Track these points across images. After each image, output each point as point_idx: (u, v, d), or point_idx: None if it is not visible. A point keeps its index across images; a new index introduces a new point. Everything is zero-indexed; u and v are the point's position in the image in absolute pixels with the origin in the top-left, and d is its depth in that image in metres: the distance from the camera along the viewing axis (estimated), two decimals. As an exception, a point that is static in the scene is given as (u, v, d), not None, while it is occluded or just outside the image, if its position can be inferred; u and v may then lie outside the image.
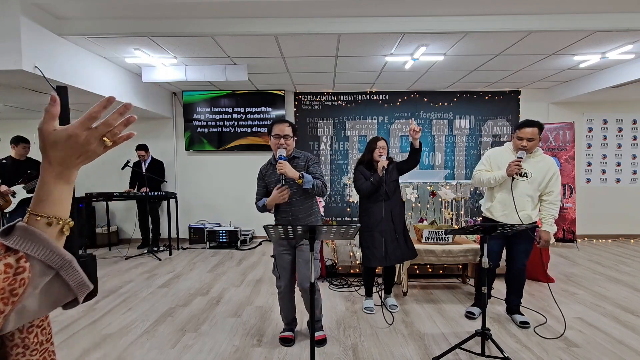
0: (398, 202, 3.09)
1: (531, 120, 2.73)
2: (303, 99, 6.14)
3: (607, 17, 3.27)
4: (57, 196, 0.59)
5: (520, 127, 2.73)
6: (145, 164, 5.60)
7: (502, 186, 2.79)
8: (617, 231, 6.18)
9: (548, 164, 2.75)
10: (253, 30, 3.37)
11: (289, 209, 2.47)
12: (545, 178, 2.73)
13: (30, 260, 0.53)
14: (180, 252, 5.50)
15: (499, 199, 2.81)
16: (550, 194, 2.74)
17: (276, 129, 2.41)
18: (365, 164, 3.07)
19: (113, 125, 0.62)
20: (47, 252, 0.55)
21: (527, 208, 2.74)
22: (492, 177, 2.79)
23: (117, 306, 3.30)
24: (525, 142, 2.69)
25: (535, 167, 2.73)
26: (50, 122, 0.58)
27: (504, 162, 2.77)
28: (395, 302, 3.25)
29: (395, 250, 2.97)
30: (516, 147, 2.76)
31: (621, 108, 6.08)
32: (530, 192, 2.74)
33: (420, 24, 3.34)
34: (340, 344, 2.58)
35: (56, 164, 0.59)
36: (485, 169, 2.91)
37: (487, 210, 2.90)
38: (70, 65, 3.58)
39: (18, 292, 0.51)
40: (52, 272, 0.55)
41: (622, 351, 2.44)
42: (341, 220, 6.14)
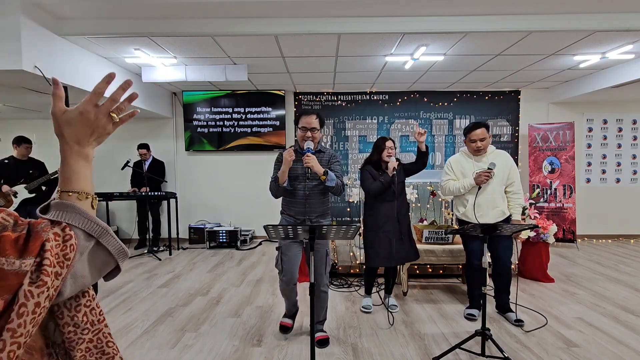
0: (404, 203, 3.11)
1: (477, 122, 2.91)
2: (303, 99, 6.14)
3: (607, 17, 3.27)
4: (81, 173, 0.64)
5: (469, 131, 2.89)
6: (147, 163, 5.60)
7: (472, 190, 2.88)
8: (617, 231, 6.18)
9: (504, 157, 2.91)
10: (253, 30, 3.37)
11: (305, 200, 2.45)
12: (505, 171, 2.86)
13: (73, 229, 0.58)
14: (180, 252, 5.50)
15: (472, 203, 2.88)
16: (513, 184, 2.90)
17: (304, 121, 2.40)
18: (373, 163, 3.07)
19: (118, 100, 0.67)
20: (86, 221, 0.60)
21: (499, 204, 2.86)
22: (461, 186, 2.89)
23: (117, 306, 3.30)
24: (479, 143, 2.83)
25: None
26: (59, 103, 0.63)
27: (466, 168, 2.92)
28: (395, 302, 3.25)
29: (400, 251, 2.97)
30: (472, 150, 2.90)
31: (621, 108, 6.08)
32: (498, 188, 2.86)
33: (420, 24, 3.34)
34: (340, 344, 2.58)
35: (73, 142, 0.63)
36: (451, 177, 2.99)
37: (463, 215, 2.96)
38: (70, 65, 3.58)
39: (70, 257, 0.56)
40: (93, 240, 0.61)
41: (622, 351, 2.44)
42: (341, 220, 6.14)
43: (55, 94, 0.63)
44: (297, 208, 2.47)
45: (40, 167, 4.54)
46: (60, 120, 0.63)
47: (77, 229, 0.59)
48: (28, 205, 4.38)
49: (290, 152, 2.33)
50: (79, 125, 0.63)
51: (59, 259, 0.54)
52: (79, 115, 0.63)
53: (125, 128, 6.05)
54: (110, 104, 0.66)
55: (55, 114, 0.63)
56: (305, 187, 2.43)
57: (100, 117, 0.65)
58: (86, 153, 0.65)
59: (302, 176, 2.39)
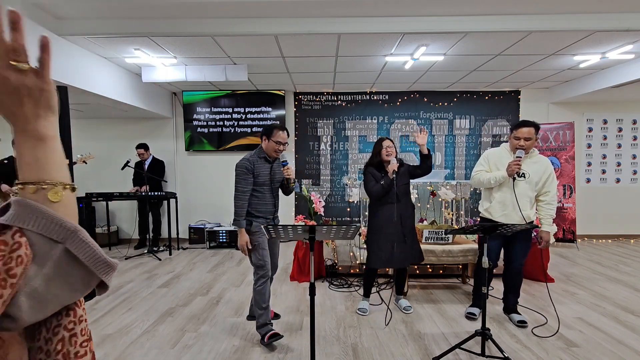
0: (408, 205, 3.07)
1: (528, 121, 2.75)
2: (303, 99, 6.14)
3: (607, 17, 3.27)
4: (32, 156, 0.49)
5: (517, 127, 2.75)
6: (146, 163, 5.60)
7: (501, 186, 2.80)
8: (617, 231, 6.18)
9: (544, 164, 2.77)
10: (253, 30, 3.37)
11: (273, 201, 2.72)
12: (542, 178, 2.75)
13: (26, 234, 0.45)
14: (180, 252, 5.50)
15: (498, 199, 2.81)
16: (547, 194, 2.77)
17: (280, 136, 2.61)
18: (375, 165, 3.05)
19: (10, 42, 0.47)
20: (44, 222, 0.47)
21: (526, 208, 2.75)
22: (492, 177, 2.79)
23: (117, 306, 3.30)
24: (523, 142, 2.70)
25: (532, 168, 2.75)
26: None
27: (502, 163, 2.78)
28: (408, 303, 3.21)
29: (402, 254, 2.94)
30: (513, 147, 2.77)
31: (621, 108, 6.08)
32: (528, 192, 2.75)
33: (420, 24, 3.34)
34: (340, 344, 2.58)
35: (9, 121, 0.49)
36: (484, 169, 2.91)
37: (486, 211, 2.90)
38: (70, 65, 3.58)
39: (16, 273, 0.43)
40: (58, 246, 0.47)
41: (622, 351, 2.44)
42: (341, 220, 6.14)
43: None
44: (267, 208, 2.67)
45: None
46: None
47: (32, 233, 0.46)
48: None
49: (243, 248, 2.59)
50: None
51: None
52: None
53: (125, 128, 6.06)
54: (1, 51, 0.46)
55: None
56: (272, 190, 2.70)
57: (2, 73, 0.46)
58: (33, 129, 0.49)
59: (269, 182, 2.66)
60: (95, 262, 0.50)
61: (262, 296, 2.59)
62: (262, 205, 2.65)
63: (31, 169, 0.49)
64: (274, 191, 2.72)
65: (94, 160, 5.38)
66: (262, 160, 2.65)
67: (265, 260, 2.62)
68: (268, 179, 2.65)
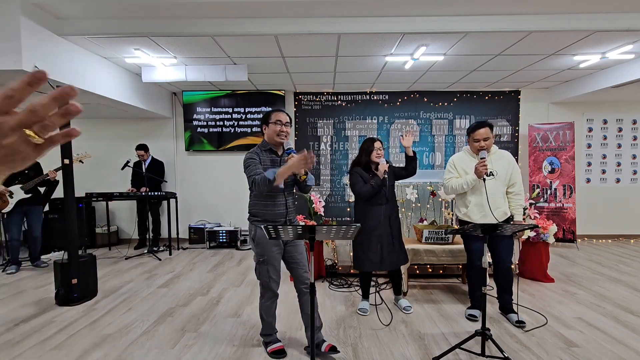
0: (395, 206, 3.08)
1: (482, 122, 2.88)
2: (303, 99, 6.14)
3: (607, 17, 3.27)
4: None
5: (473, 130, 2.86)
6: (146, 164, 5.60)
7: (474, 190, 2.87)
8: (617, 231, 6.18)
9: (507, 158, 2.91)
10: (253, 30, 3.37)
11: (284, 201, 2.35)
12: (507, 172, 2.86)
13: None
14: (180, 252, 5.50)
15: (475, 202, 2.87)
16: (514, 185, 2.90)
17: (279, 116, 2.30)
18: (362, 165, 3.03)
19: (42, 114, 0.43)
20: None
21: (501, 205, 2.85)
22: (464, 182, 2.87)
23: (117, 306, 3.30)
24: (483, 142, 2.82)
25: (497, 164, 2.85)
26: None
27: (469, 166, 2.89)
28: (408, 303, 3.20)
29: (391, 255, 2.95)
30: (475, 149, 2.88)
31: (621, 108, 6.08)
32: (500, 189, 2.85)
33: (420, 24, 3.34)
34: (340, 344, 2.57)
35: None
36: (454, 175, 2.99)
37: (465, 215, 2.95)
38: (70, 65, 3.58)
39: None
40: None
41: (622, 351, 2.44)
42: (341, 220, 6.14)
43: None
44: (278, 210, 2.32)
45: (36, 167, 4.48)
46: None
47: None
48: (24, 206, 4.37)
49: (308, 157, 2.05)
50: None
51: None
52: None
53: (125, 128, 6.06)
54: (26, 117, 0.43)
55: None
56: (284, 187, 2.29)
57: (7, 133, 0.42)
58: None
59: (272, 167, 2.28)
60: None
61: (267, 311, 2.46)
62: (271, 206, 2.30)
63: None
64: (287, 189, 2.33)
65: (94, 160, 5.38)
66: (267, 152, 2.33)
67: (271, 278, 2.35)
68: None
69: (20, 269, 4.50)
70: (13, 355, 2.43)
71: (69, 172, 3.37)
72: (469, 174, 2.85)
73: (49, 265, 4.55)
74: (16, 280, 4.10)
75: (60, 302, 3.30)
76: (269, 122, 2.32)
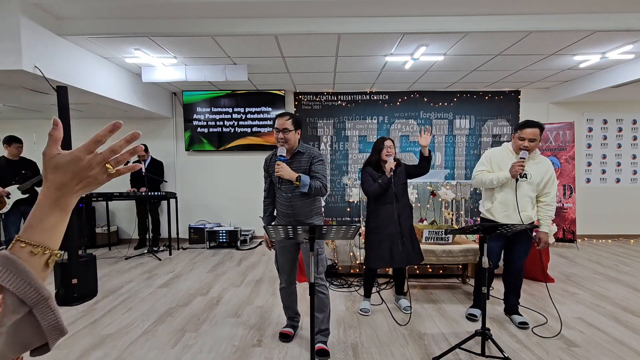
0: (406, 205, 3.05)
1: (533, 121, 2.72)
2: (303, 99, 6.14)
3: (607, 17, 3.27)
4: (50, 224, 0.55)
5: (522, 128, 2.71)
6: (145, 164, 5.60)
7: (503, 187, 2.78)
8: (617, 231, 6.18)
9: (546, 165, 2.77)
10: (253, 30, 3.37)
11: (290, 211, 2.48)
12: (543, 179, 2.74)
13: (3, 292, 0.48)
14: (180, 252, 5.50)
15: (500, 200, 2.79)
16: (548, 195, 2.77)
17: (276, 123, 2.38)
18: (373, 164, 3.04)
19: (118, 152, 0.60)
20: (24, 285, 0.49)
21: (528, 209, 2.75)
22: (495, 178, 2.76)
23: (117, 306, 3.30)
24: (527, 143, 2.68)
25: (534, 169, 2.74)
26: (53, 145, 0.57)
27: (505, 163, 2.77)
28: (408, 303, 3.20)
29: (401, 254, 2.92)
30: (517, 148, 2.74)
31: (621, 108, 6.08)
32: (529, 193, 2.75)
33: (420, 24, 3.34)
34: (340, 344, 2.58)
35: (54, 188, 0.56)
36: (486, 169, 2.88)
37: (487, 211, 2.88)
38: (70, 65, 3.58)
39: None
40: (25, 309, 0.49)
41: (622, 351, 2.44)
42: (341, 220, 6.14)
43: (51, 135, 0.57)
44: (283, 210, 2.51)
45: (33, 167, 4.47)
46: (49, 163, 0.56)
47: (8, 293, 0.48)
48: (22, 207, 4.35)
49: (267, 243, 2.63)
50: (67, 171, 0.56)
51: None
52: (70, 161, 0.56)
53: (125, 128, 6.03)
54: (109, 154, 0.59)
55: (45, 154, 0.56)
56: (286, 191, 2.43)
57: (94, 166, 0.57)
58: (66, 202, 0.57)
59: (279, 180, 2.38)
60: (54, 328, 0.52)
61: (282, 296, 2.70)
62: (279, 204, 2.54)
63: (44, 233, 0.55)
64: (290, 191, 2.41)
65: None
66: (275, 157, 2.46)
67: (280, 267, 2.59)
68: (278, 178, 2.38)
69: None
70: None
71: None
72: (503, 171, 2.75)
73: (49, 265, 4.53)
74: (16, 280, 4.09)
75: (60, 302, 3.30)
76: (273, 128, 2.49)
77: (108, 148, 0.59)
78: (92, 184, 0.59)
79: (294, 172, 2.31)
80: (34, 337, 0.50)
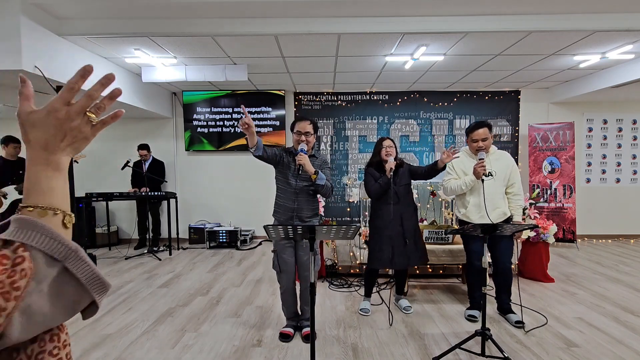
0: (409, 205, 3.03)
1: (480, 122, 2.87)
2: (303, 99, 6.14)
3: (607, 17, 3.27)
4: (47, 185, 0.52)
5: (472, 130, 2.87)
6: (146, 164, 5.60)
7: (473, 190, 2.87)
8: (617, 231, 6.18)
9: (506, 158, 2.91)
10: (253, 30, 3.37)
11: (295, 205, 2.57)
12: (507, 172, 2.86)
13: (29, 249, 0.46)
14: (180, 252, 5.50)
15: (473, 203, 2.87)
16: (513, 185, 2.90)
17: (298, 126, 2.59)
18: (375, 165, 3.05)
19: (95, 97, 0.55)
20: (47, 240, 0.47)
21: (500, 205, 2.85)
22: (462, 183, 2.87)
23: (117, 306, 3.30)
24: (481, 143, 2.82)
25: (496, 165, 2.84)
26: (26, 103, 0.53)
27: (467, 167, 2.89)
28: (409, 303, 3.20)
29: (402, 255, 2.91)
30: (473, 150, 2.89)
31: (621, 108, 6.08)
32: (499, 189, 2.85)
33: (420, 24, 3.34)
34: (340, 344, 2.58)
35: (39, 148, 0.52)
36: (453, 177, 2.99)
37: (464, 216, 2.95)
38: (70, 65, 3.58)
39: (20, 286, 0.43)
40: (57, 264, 0.48)
41: (622, 351, 2.44)
42: (341, 220, 6.14)
43: (21, 92, 0.53)
44: (288, 204, 2.59)
45: None
46: (26, 123, 0.52)
47: (36, 250, 0.46)
48: None
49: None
50: (47, 126, 0.52)
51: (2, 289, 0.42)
52: (47, 115, 0.52)
53: (125, 128, 6.06)
54: (86, 101, 0.54)
55: (20, 114, 0.52)
56: (296, 185, 2.57)
57: (74, 117, 0.53)
58: (56, 161, 0.53)
59: (295, 174, 2.56)
60: (93, 281, 0.51)
61: (282, 298, 2.74)
62: (282, 199, 2.61)
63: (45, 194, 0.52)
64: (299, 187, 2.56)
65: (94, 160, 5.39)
66: (289, 153, 2.65)
67: (281, 269, 2.62)
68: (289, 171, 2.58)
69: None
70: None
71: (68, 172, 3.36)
72: (468, 175, 2.84)
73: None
74: (16, 280, 4.09)
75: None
76: (293, 130, 2.64)
77: (84, 95, 0.55)
78: (78, 138, 0.55)
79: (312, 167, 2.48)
80: (77, 293, 0.50)
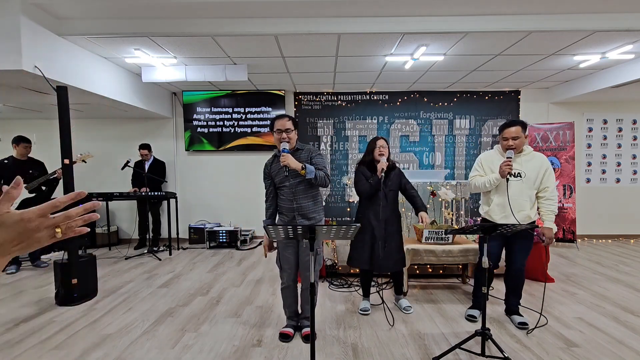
0: (394, 211, 3.04)
1: (514, 120, 2.77)
2: (303, 99, 6.14)
3: (607, 17, 3.27)
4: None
5: (504, 128, 2.78)
6: (147, 164, 5.60)
7: (498, 189, 2.81)
8: (617, 231, 6.18)
9: (539, 160, 2.77)
10: (253, 30, 3.37)
11: (295, 205, 2.56)
12: (538, 175, 2.74)
13: None
14: (180, 252, 5.50)
15: (497, 202, 2.82)
16: (546, 190, 2.75)
17: (277, 125, 2.51)
18: (367, 164, 3.05)
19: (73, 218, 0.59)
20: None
21: (526, 208, 2.75)
22: (487, 181, 2.81)
23: (117, 306, 3.30)
24: (511, 141, 2.72)
25: (526, 166, 2.75)
26: (5, 203, 0.56)
27: (495, 165, 2.81)
28: (409, 303, 3.20)
29: (379, 259, 2.91)
30: (504, 148, 2.80)
31: (621, 108, 6.08)
32: (526, 192, 2.74)
33: (420, 24, 3.34)
34: (340, 344, 2.58)
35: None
36: (479, 173, 2.94)
37: (486, 214, 2.90)
38: (70, 65, 3.58)
39: None
40: None
41: (622, 351, 2.44)
42: (341, 220, 6.14)
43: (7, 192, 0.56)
44: (288, 205, 2.58)
45: (40, 167, 4.54)
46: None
47: None
48: (28, 206, 4.37)
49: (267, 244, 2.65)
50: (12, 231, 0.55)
51: None
52: (19, 221, 0.55)
53: (125, 128, 6.07)
54: (62, 219, 0.58)
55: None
56: (290, 186, 2.54)
57: (41, 229, 0.57)
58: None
59: (285, 177, 2.53)
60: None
61: (283, 296, 2.73)
62: (283, 201, 2.61)
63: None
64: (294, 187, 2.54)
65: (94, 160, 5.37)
66: (275, 158, 2.62)
67: (282, 267, 2.65)
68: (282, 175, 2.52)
69: (20, 268, 4.50)
70: (13, 355, 2.43)
71: (69, 172, 3.36)
72: (494, 173, 2.78)
73: (49, 265, 4.55)
74: (16, 280, 4.10)
75: (60, 302, 3.30)
76: (273, 130, 2.55)
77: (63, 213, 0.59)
78: (32, 245, 0.57)
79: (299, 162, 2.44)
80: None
